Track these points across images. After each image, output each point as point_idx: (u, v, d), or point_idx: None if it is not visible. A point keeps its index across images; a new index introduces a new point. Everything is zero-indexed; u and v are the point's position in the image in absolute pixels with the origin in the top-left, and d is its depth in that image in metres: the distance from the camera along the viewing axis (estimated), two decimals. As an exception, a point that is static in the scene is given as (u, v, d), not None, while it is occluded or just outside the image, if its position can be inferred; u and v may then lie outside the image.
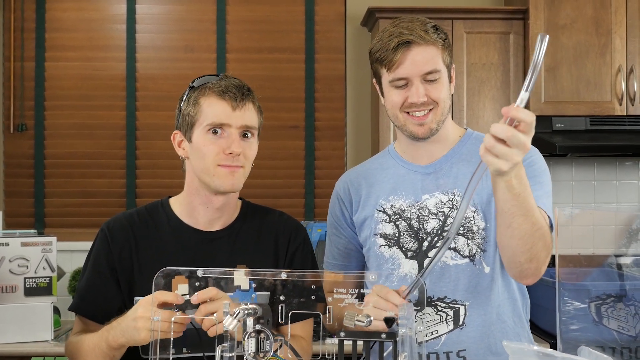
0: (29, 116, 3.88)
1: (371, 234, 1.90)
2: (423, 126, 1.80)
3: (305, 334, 1.82)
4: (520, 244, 1.61)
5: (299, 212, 3.90)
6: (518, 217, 1.56)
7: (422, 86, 1.77)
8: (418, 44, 1.77)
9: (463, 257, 1.81)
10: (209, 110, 1.76)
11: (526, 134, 1.40)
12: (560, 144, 3.36)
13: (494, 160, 1.41)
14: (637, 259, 1.44)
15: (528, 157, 1.80)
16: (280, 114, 3.90)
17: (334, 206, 2.01)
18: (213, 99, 1.76)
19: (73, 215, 3.89)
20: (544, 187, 1.78)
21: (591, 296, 1.45)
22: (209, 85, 1.78)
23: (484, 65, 3.53)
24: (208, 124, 1.76)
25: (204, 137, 1.76)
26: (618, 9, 3.49)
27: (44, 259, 3.04)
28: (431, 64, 1.77)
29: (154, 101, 3.90)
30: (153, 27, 3.95)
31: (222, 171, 1.76)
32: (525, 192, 1.54)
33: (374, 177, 1.95)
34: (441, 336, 1.81)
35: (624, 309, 1.38)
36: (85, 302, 1.82)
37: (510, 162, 1.41)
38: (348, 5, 3.96)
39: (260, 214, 1.94)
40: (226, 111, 1.75)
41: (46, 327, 3.04)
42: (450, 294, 1.81)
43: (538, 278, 1.70)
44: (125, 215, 1.89)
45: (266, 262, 1.86)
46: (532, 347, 1.18)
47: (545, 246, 1.64)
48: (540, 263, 1.66)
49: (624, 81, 3.49)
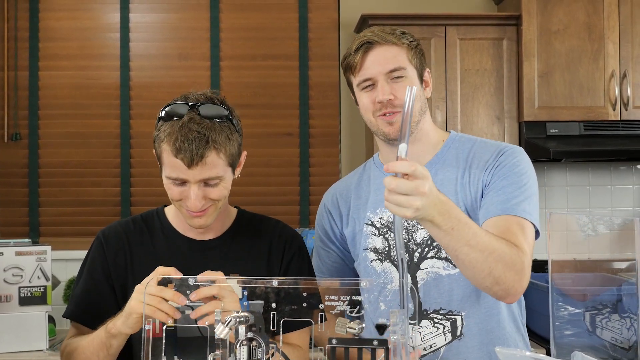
0: (23, 125, 3.88)
1: (362, 249, 1.89)
2: (393, 125, 1.79)
3: (302, 342, 1.81)
4: (476, 272, 1.57)
5: (294, 220, 3.89)
6: (461, 248, 1.53)
7: (387, 85, 1.78)
8: (379, 44, 1.79)
9: (455, 267, 1.76)
10: (168, 162, 1.69)
11: (416, 179, 1.38)
12: (554, 149, 3.37)
13: (397, 209, 1.39)
14: (631, 264, 1.44)
15: (511, 159, 1.78)
16: (274, 121, 3.90)
17: (322, 220, 2.01)
18: (169, 153, 1.67)
19: (67, 224, 3.88)
20: (526, 191, 1.74)
21: (586, 305, 1.44)
22: (166, 135, 1.67)
23: (477, 72, 3.54)
24: (167, 176, 1.71)
25: (167, 181, 1.72)
26: (611, 15, 3.50)
27: (39, 268, 3.03)
28: (393, 62, 1.78)
29: (148, 109, 3.89)
30: (147, 36, 3.96)
31: (188, 214, 1.74)
32: (459, 225, 1.50)
33: (360, 189, 1.94)
34: (440, 348, 1.79)
35: (619, 320, 1.38)
36: (80, 308, 1.82)
37: (410, 208, 1.38)
38: (341, 13, 3.97)
39: (255, 222, 1.93)
40: (182, 168, 1.66)
41: (41, 336, 3.02)
42: (445, 305, 1.79)
43: (516, 297, 1.65)
44: (121, 223, 1.90)
45: (259, 271, 1.84)
46: (525, 353, 1.18)
47: (508, 266, 1.58)
48: (508, 284, 1.59)
49: (617, 86, 3.49)
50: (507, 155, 1.79)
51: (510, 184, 1.73)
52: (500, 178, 1.75)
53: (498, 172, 1.77)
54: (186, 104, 1.70)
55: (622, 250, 1.43)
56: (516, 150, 1.82)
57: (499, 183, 1.74)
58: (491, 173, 1.77)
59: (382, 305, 1.80)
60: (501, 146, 1.83)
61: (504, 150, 1.81)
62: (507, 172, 1.76)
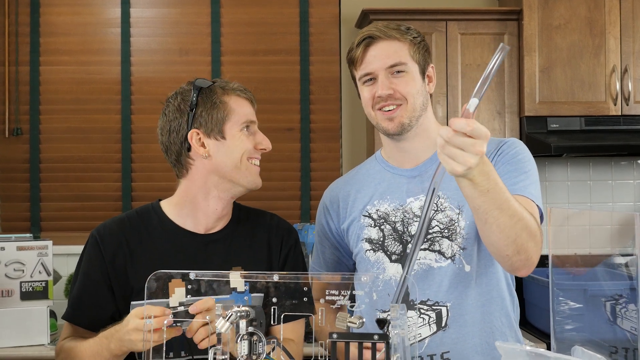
0: (24, 120, 3.88)
1: (358, 240, 1.90)
2: (393, 121, 1.80)
3: (295, 335, 1.82)
4: (501, 237, 1.57)
5: (295, 214, 3.89)
6: (492, 211, 1.52)
7: (387, 80, 1.79)
8: (381, 39, 1.80)
9: (446, 259, 1.79)
10: (239, 109, 1.83)
11: (475, 138, 1.36)
12: (555, 144, 3.36)
13: (449, 161, 1.38)
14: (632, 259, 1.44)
15: (512, 148, 1.81)
16: (275, 116, 3.90)
17: (320, 216, 2.04)
18: (237, 98, 1.84)
19: (69, 219, 3.88)
20: (530, 177, 1.76)
21: (606, 295, 1.43)
22: (226, 86, 1.84)
23: (478, 66, 3.54)
24: (243, 121, 1.83)
25: (239, 133, 1.82)
26: (612, 9, 3.50)
27: (40, 263, 3.04)
28: (394, 57, 1.79)
29: (149, 104, 3.89)
30: (148, 31, 3.95)
31: (253, 168, 1.84)
32: (496, 187, 1.49)
33: (360, 184, 1.95)
34: (425, 339, 1.79)
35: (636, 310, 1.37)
36: (78, 310, 1.82)
37: (463, 165, 1.37)
38: (342, 7, 3.97)
39: (253, 216, 1.95)
40: (250, 109, 1.87)
41: (42, 331, 3.03)
42: (432, 297, 1.79)
43: (531, 269, 1.66)
44: (115, 221, 1.88)
45: (261, 264, 1.86)
46: (525, 347, 1.18)
47: (531, 236, 1.59)
48: (529, 254, 1.61)
49: (618, 81, 3.49)
50: (509, 144, 1.83)
51: (514, 169, 1.76)
52: (504, 164, 1.78)
53: (501, 160, 1.79)
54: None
55: (623, 245, 1.43)
56: (516, 141, 1.85)
57: (503, 168, 1.77)
58: (494, 161, 1.79)
59: (375, 295, 1.81)
60: (500, 139, 1.87)
61: (505, 141, 1.85)
62: (510, 159, 1.79)
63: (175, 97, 1.83)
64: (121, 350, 1.60)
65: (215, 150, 1.80)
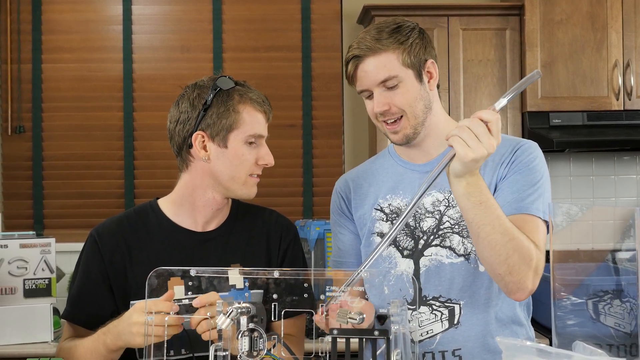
0: (26, 118, 3.89)
1: (369, 233, 1.89)
2: (397, 134, 1.79)
3: (295, 331, 1.82)
4: (493, 254, 1.58)
5: (297, 211, 3.88)
6: (485, 226, 1.55)
7: (382, 95, 1.76)
8: (367, 56, 1.75)
9: (458, 256, 1.78)
10: (250, 121, 1.79)
11: (495, 137, 1.48)
12: (557, 140, 3.36)
13: (461, 144, 1.46)
14: (633, 254, 1.44)
15: (527, 155, 1.77)
16: (277, 113, 3.82)
17: (336, 202, 1.99)
18: (252, 109, 1.80)
19: (72, 216, 3.89)
20: (540, 189, 1.74)
21: (588, 293, 1.44)
22: (245, 94, 1.80)
23: (480, 62, 3.53)
24: (250, 135, 1.78)
25: (242, 146, 1.79)
26: (614, 4, 3.49)
27: (43, 260, 3.04)
28: (384, 72, 1.74)
29: (151, 101, 3.90)
30: (149, 28, 3.95)
31: (251, 181, 1.82)
32: (488, 202, 1.54)
33: (373, 177, 1.94)
34: (436, 335, 1.79)
35: (621, 305, 1.38)
36: (77, 309, 1.82)
37: (476, 151, 1.45)
38: (344, 3, 3.96)
39: (251, 212, 1.95)
40: (262, 123, 1.82)
41: (46, 328, 3.03)
42: (445, 293, 1.79)
43: (525, 294, 1.65)
44: (114, 220, 1.88)
45: (259, 260, 1.86)
46: (526, 343, 1.18)
47: (524, 259, 1.59)
48: (522, 277, 1.60)
49: (620, 76, 3.48)
50: (524, 149, 1.79)
51: (525, 181, 1.74)
52: (515, 173, 1.76)
53: (514, 168, 1.77)
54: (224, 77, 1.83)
55: (625, 240, 1.43)
56: (532, 145, 1.81)
57: (514, 178, 1.75)
58: (507, 167, 1.77)
59: (386, 290, 1.81)
60: (517, 140, 1.83)
61: (520, 144, 1.81)
62: (523, 167, 1.76)
63: (193, 90, 1.81)
64: (116, 344, 1.60)
65: (215, 156, 1.79)
